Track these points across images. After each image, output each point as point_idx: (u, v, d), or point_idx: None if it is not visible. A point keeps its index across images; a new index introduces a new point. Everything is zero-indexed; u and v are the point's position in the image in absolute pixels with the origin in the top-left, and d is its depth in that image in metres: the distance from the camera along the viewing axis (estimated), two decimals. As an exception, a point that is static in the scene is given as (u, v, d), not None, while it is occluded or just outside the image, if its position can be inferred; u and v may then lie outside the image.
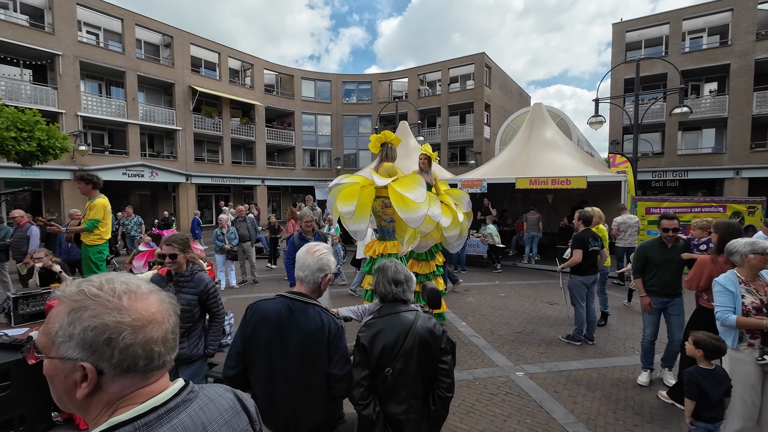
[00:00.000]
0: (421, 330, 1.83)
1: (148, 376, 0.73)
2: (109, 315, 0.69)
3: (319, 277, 1.84)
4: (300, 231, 5.14)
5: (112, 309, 0.69)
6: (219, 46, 24.48)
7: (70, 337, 0.67)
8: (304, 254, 1.87)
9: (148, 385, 0.74)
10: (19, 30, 16.44)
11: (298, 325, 1.75)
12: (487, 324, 6.02)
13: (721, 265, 3.28)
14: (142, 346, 0.70)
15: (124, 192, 23.14)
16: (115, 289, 0.72)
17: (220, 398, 0.86)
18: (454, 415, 3.50)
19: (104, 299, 0.70)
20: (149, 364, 0.72)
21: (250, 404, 0.93)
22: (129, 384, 0.71)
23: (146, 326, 0.71)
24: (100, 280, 0.73)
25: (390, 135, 5.03)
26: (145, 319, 0.72)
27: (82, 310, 0.68)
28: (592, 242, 5.09)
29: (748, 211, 8.63)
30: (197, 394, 0.81)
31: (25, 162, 10.18)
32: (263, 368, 1.77)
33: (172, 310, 0.79)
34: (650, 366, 4.14)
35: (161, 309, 0.76)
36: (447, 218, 5.00)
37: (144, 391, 0.73)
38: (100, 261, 5.24)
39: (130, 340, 0.69)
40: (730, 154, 19.95)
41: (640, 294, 4.07)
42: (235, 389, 0.93)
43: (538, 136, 11.31)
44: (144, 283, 0.78)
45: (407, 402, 1.79)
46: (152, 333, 0.72)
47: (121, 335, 0.68)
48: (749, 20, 19.27)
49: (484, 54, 26.63)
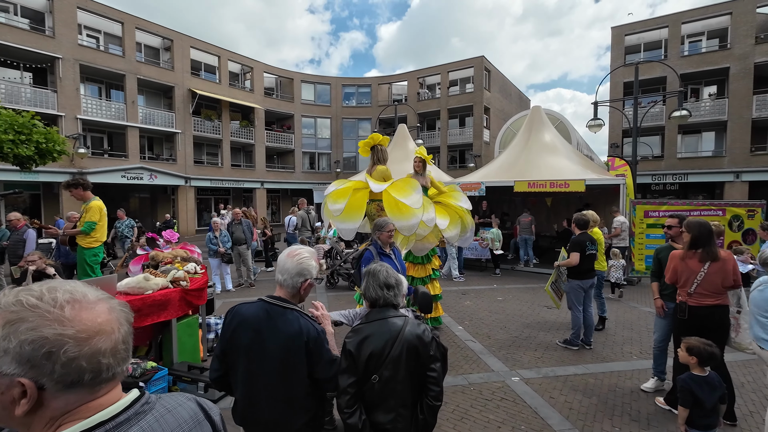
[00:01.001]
0: (410, 336, 1.79)
1: (96, 389, 0.69)
2: (49, 327, 0.64)
3: (298, 282, 1.81)
4: (377, 243, 3.85)
5: (53, 320, 0.65)
6: (219, 50, 24.55)
7: (5, 351, 0.63)
8: (285, 258, 1.85)
9: (96, 399, 0.70)
10: (19, 33, 16.51)
11: (277, 329, 1.73)
12: (484, 328, 5.97)
13: (686, 263, 3.37)
14: (87, 359, 0.66)
15: (123, 195, 23.13)
16: (56, 299, 0.67)
17: (180, 408, 0.82)
18: (448, 421, 3.45)
19: (44, 310, 0.66)
20: (96, 378, 0.68)
21: (214, 413, 0.90)
22: (74, 399, 0.67)
23: (92, 338, 0.67)
24: (41, 289, 0.68)
25: (378, 137, 5.02)
26: (91, 330, 0.68)
27: (19, 322, 0.64)
28: (589, 246, 5.06)
29: (747, 214, 8.58)
30: (153, 405, 0.77)
31: (23, 165, 10.17)
32: (243, 372, 1.75)
33: (124, 319, 0.75)
34: (661, 374, 4.02)
35: (110, 318, 0.71)
36: (443, 219, 4.96)
37: (91, 405, 0.69)
38: (96, 264, 5.23)
39: (73, 353, 0.65)
40: (730, 157, 19.92)
41: (653, 297, 4.03)
42: (199, 398, 0.90)
43: (537, 139, 11.28)
44: (92, 291, 0.73)
45: (395, 411, 1.75)
46: (99, 345, 0.68)
47: (62, 348, 0.64)
48: (748, 24, 19.30)
49: (484, 57, 26.68)
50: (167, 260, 5.11)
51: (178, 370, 3.98)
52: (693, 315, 3.33)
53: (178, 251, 5.84)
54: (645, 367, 4.52)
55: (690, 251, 3.36)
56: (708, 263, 3.26)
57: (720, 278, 3.24)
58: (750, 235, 8.54)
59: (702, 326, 3.27)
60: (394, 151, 13.16)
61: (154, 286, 3.87)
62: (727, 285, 3.25)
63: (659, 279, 3.97)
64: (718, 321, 3.29)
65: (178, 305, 4.09)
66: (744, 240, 8.51)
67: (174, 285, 4.15)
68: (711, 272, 3.25)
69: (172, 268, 4.52)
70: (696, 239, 3.31)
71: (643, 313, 6.74)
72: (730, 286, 3.26)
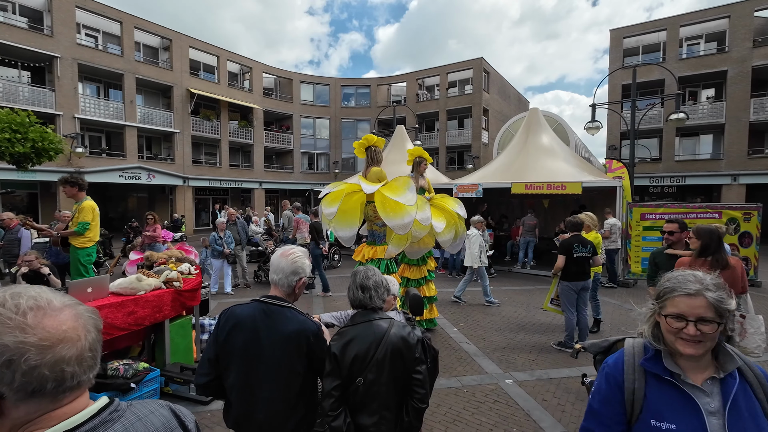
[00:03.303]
0: (395, 339, 1.79)
1: (60, 398, 0.68)
2: (9, 335, 0.63)
3: (293, 281, 1.81)
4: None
5: (14, 327, 0.63)
6: (218, 50, 24.54)
7: None
8: (278, 257, 1.85)
9: (59, 408, 0.68)
10: (17, 32, 16.48)
11: (275, 328, 1.72)
12: (479, 330, 5.96)
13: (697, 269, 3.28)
14: (50, 368, 0.65)
15: (121, 194, 23.12)
16: (19, 305, 0.66)
17: (152, 415, 0.81)
18: (440, 423, 3.45)
19: (5, 317, 0.64)
20: (60, 386, 0.66)
21: (189, 420, 0.88)
22: (35, 408, 0.66)
23: (55, 345, 0.66)
24: (3, 295, 0.67)
25: (372, 138, 5.02)
26: (55, 338, 0.66)
27: None
28: (577, 248, 5.07)
29: (743, 217, 8.59)
30: (123, 413, 0.76)
31: (20, 164, 10.16)
32: (238, 375, 1.73)
33: (92, 325, 0.73)
34: None
35: (75, 325, 0.70)
36: (440, 222, 4.95)
37: (54, 414, 0.67)
38: (89, 264, 5.22)
39: (35, 361, 0.63)
40: (728, 160, 19.97)
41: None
42: (173, 405, 0.88)
43: (535, 141, 11.29)
44: (58, 297, 0.72)
45: (379, 413, 1.74)
46: (63, 352, 0.66)
47: (23, 357, 0.62)
48: (746, 27, 19.35)
49: (483, 59, 26.71)
50: (161, 260, 5.10)
51: (170, 371, 3.96)
52: None
53: (174, 251, 5.82)
54: (639, 369, 4.53)
55: (699, 259, 3.29)
56: (718, 272, 3.22)
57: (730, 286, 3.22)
58: (746, 238, 8.55)
59: None
60: (393, 152, 13.17)
61: (147, 286, 3.86)
62: (736, 292, 3.25)
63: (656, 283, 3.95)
64: None
65: (171, 306, 4.07)
66: (740, 243, 8.52)
67: (167, 286, 4.13)
68: None
69: (165, 268, 4.50)
70: (707, 247, 3.26)
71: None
72: (738, 292, 3.26)
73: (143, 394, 3.60)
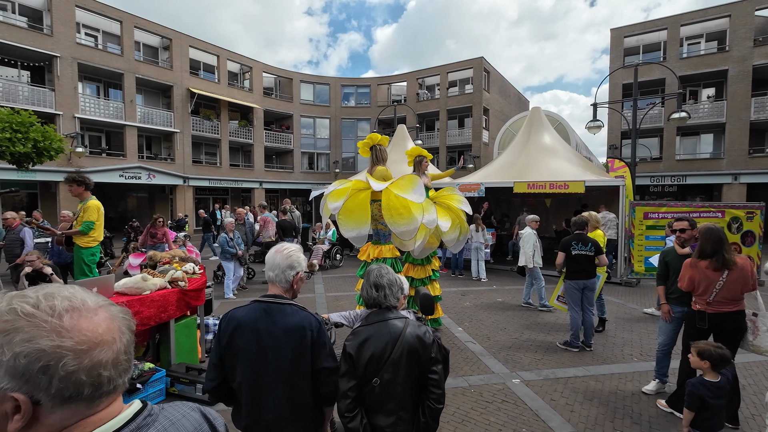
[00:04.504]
0: (410, 338, 1.76)
1: (96, 403, 0.65)
2: (46, 338, 0.60)
3: (290, 275, 1.79)
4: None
5: (51, 331, 0.60)
6: (218, 49, 24.49)
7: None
8: (273, 254, 1.83)
9: (95, 413, 0.65)
10: (17, 31, 16.42)
11: (277, 326, 1.70)
12: (484, 329, 5.95)
13: (702, 270, 3.30)
14: (87, 373, 0.62)
15: (121, 194, 23.06)
16: (54, 307, 0.62)
17: (184, 419, 0.79)
18: (449, 423, 3.42)
19: (41, 319, 0.61)
20: (96, 391, 0.63)
21: (219, 423, 0.86)
22: (71, 414, 0.63)
23: (92, 349, 0.63)
24: (37, 296, 0.63)
25: (377, 137, 4.98)
26: (92, 342, 0.63)
27: (14, 332, 0.59)
28: (576, 246, 5.06)
29: (746, 216, 8.57)
30: (156, 417, 0.73)
31: (20, 163, 10.12)
32: (243, 377, 1.71)
33: (126, 327, 0.70)
34: (663, 377, 3.98)
35: (111, 327, 0.67)
36: (445, 221, 4.90)
37: (90, 420, 0.64)
38: (93, 263, 5.19)
39: (72, 366, 0.60)
40: (729, 159, 19.97)
41: (660, 301, 3.99)
42: (203, 407, 0.86)
43: (536, 140, 11.27)
44: (92, 297, 0.69)
45: (395, 414, 1.72)
46: (100, 356, 0.63)
47: (61, 362, 0.59)
48: (747, 26, 19.35)
49: (483, 58, 26.70)
50: (165, 260, 5.08)
51: (175, 372, 3.94)
52: (710, 322, 3.31)
53: (177, 251, 5.80)
54: (645, 369, 4.51)
55: (704, 260, 3.28)
56: (726, 272, 3.20)
57: (740, 286, 3.21)
58: (749, 237, 8.53)
59: (716, 330, 3.27)
60: (394, 151, 13.12)
61: (152, 286, 3.83)
62: (746, 291, 3.24)
63: (665, 282, 3.93)
64: (733, 324, 3.26)
65: (176, 306, 4.05)
66: (743, 242, 8.50)
67: (172, 285, 4.11)
68: (731, 280, 3.20)
69: (170, 268, 4.48)
70: (705, 247, 3.26)
71: (642, 315, 6.72)
72: (749, 291, 3.25)
73: (149, 394, 3.57)
